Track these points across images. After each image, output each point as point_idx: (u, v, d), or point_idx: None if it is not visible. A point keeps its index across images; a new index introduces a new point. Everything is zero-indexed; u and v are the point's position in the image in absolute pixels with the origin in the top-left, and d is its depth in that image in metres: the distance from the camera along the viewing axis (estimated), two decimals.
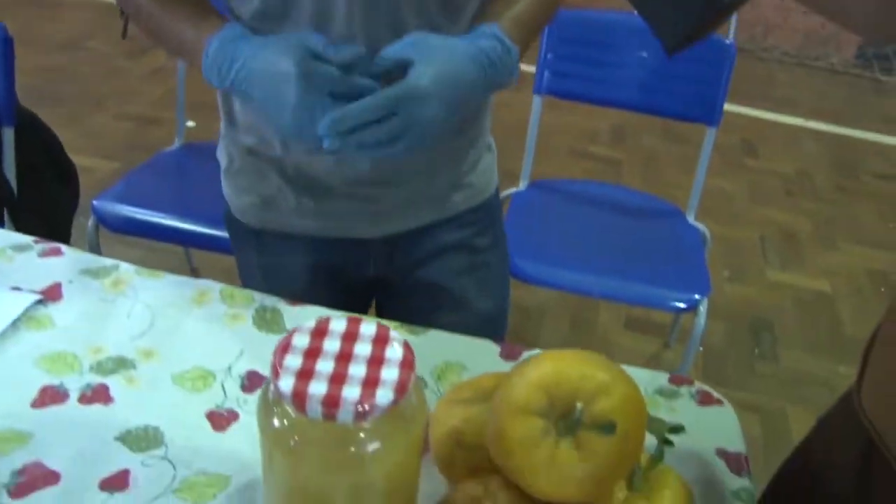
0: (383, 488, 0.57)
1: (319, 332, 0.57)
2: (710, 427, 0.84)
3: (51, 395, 0.81)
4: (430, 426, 0.72)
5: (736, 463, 0.81)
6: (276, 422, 0.55)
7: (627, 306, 2.35)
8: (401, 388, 0.53)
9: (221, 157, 1.09)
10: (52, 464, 0.74)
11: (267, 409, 0.56)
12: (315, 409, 0.51)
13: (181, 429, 0.79)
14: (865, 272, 2.72)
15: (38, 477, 0.73)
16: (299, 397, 0.52)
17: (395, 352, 0.56)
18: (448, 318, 1.01)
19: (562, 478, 0.56)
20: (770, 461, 0.91)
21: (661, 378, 0.89)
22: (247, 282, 1.16)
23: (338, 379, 0.53)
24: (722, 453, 0.81)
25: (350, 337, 0.57)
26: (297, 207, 1.04)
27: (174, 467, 0.75)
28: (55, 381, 0.83)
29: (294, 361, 0.54)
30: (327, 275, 1.11)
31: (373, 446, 0.54)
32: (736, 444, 0.83)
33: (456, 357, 0.89)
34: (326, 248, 1.08)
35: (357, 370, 0.54)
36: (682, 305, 1.67)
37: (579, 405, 0.55)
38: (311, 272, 1.10)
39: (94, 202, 1.83)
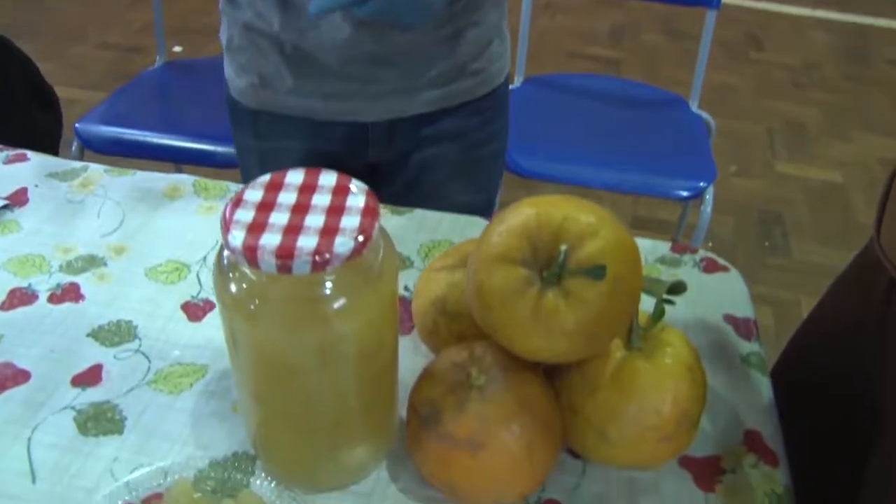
0: (356, 351, 0.53)
1: (274, 185, 0.52)
2: (717, 294, 0.79)
3: (19, 297, 0.77)
4: (414, 298, 0.68)
5: (745, 328, 0.76)
6: (233, 287, 0.50)
7: (633, 204, 2.30)
8: (362, 236, 0.48)
9: (223, 35, 1.05)
10: (23, 363, 0.70)
11: (222, 276, 0.51)
12: (269, 261, 0.46)
13: (155, 322, 0.75)
14: (878, 161, 2.64)
15: (7, 377, 0.69)
16: (250, 251, 0.47)
17: (356, 200, 0.50)
18: (431, 206, 0.96)
19: (548, 331, 0.51)
20: None
21: (663, 247, 0.84)
22: (244, 168, 1.14)
23: (293, 229, 0.48)
24: (730, 319, 0.77)
25: (307, 188, 0.51)
26: (294, 87, 1.00)
27: (148, 360, 0.71)
28: (23, 283, 0.79)
29: (245, 215, 0.49)
30: (325, 162, 1.06)
31: (338, 302, 0.49)
32: (744, 310, 0.78)
33: (444, 235, 0.84)
34: (324, 133, 1.04)
35: (314, 220, 0.49)
36: (685, 194, 1.61)
37: (563, 247, 0.50)
38: (308, 158, 1.06)
39: (77, 125, 1.77)
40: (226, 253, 0.51)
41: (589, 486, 0.61)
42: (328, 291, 0.49)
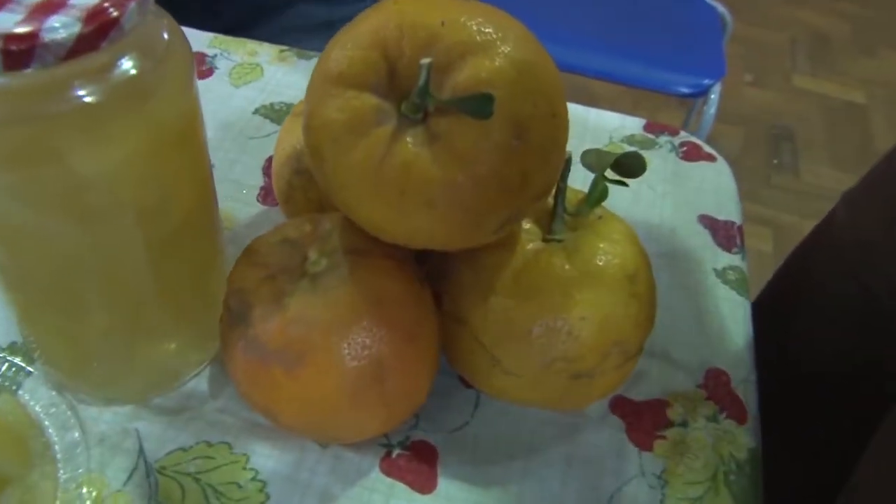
0: (127, 204, 0.35)
1: None
2: (695, 188, 0.61)
3: None
4: (274, 154, 0.49)
5: (725, 233, 0.58)
6: None
7: (632, 105, 2.09)
8: (102, 19, 0.29)
9: None
10: None
11: None
12: None
13: None
14: None
15: None
16: None
17: None
18: None
19: (401, 196, 0.32)
20: None
21: (635, 124, 0.65)
22: None
23: None
24: (707, 221, 0.58)
25: None
26: None
27: None
28: None
29: None
30: None
31: (82, 126, 0.31)
32: (728, 211, 0.59)
33: None
34: None
35: None
36: (686, 90, 1.41)
37: (426, 62, 0.31)
38: None
39: None
40: None
41: (478, 428, 0.44)
42: (65, 108, 0.31)
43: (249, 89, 0.64)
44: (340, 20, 0.38)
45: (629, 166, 0.43)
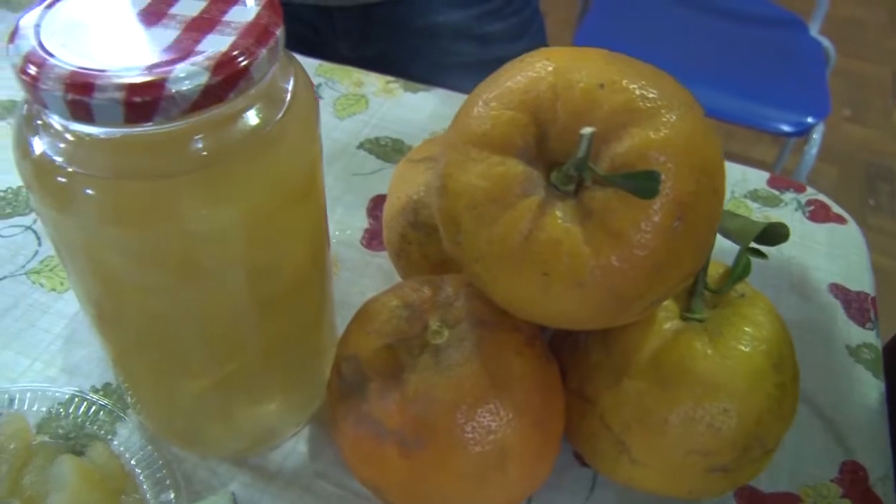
0: (235, 261, 0.32)
1: None
2: (824, 252, 0.56)
3: None
4: (386, 201, 0.47)
5: (859, 307, 0.53)
6: (35, 148, 0.30)
7: (726, 138, 2.02)
8: (231, 69, 0.27)
9: None
10: None
11: (24, 129, 0.30)
12: (54, 94, 0.26)
13: None
14: None
15: None
16: (32, 73, 0.26)
17: (244, 12, 0.29)
18: None
19: (548, 276, 0.30)
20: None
21: (757, 177, 0.61)
22: None
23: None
24: (839, 291, 0.54)
25: None
26: None
27: (39, 241, 0.53)
28: None
29: (54, 20, 0.29)
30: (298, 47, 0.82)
31: (196, 181, 0.29)
32: (860, 281, 0.55)
33: None
34: (288, 12, 0.79)
35: (159, 36, 0.28)
36: (788, 129, 1.35)
37: (587, 131, 0.28)
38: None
39: None
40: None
41: None
42: (184, 164, 0.29)
43: (354, 122, 0.62)
44: (493, 61, 0.35)
45: (773, 235, 0.39)
